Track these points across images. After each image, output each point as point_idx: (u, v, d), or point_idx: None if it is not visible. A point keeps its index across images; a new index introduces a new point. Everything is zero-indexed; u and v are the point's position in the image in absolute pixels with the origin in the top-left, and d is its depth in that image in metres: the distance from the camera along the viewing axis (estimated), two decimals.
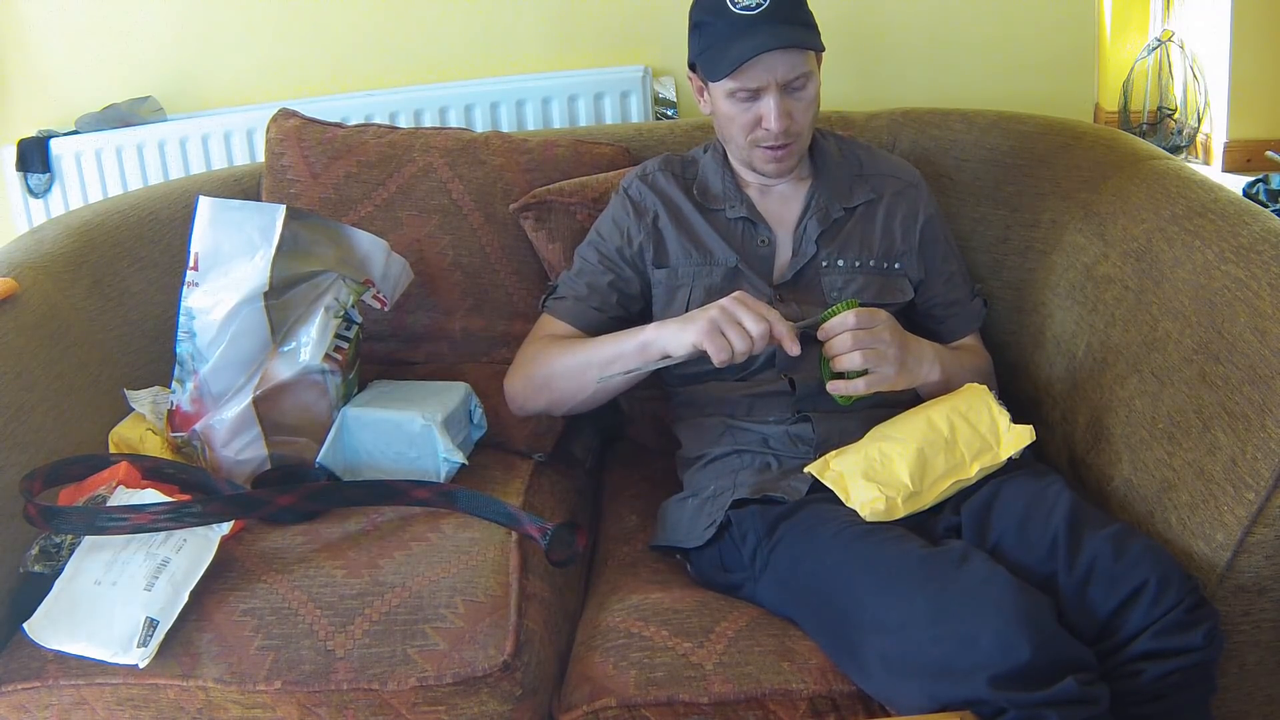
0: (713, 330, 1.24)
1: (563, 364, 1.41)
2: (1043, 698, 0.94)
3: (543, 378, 1.43)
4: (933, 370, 1.35)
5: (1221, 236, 1.22)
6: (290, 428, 1.41)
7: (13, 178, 2.17)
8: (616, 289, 1.48)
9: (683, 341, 1.27)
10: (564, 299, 1.49)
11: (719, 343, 1.24)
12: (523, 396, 1.47)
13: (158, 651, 1.12)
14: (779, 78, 1.33)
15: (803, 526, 1.22)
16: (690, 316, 1.29)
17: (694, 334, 1.25)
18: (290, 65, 2.16)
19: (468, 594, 1.18)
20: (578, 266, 1.51)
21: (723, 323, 1.24)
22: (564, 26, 2.14)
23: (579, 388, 1.40)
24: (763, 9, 1.32)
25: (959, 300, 1.51)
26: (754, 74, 1.33)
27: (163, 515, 1.18)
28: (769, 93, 1.35)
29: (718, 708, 1.10)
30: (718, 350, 1.24)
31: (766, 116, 1.36)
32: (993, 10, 2.09)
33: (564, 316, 1.48)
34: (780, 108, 1.35)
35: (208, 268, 1.39)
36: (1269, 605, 1.09)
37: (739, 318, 1.24)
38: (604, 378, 1.34)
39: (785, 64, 1.33)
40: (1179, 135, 4.78)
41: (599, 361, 1.36)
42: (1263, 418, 1.06)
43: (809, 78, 1.36)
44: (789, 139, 1.39)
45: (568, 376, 1.40)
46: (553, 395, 1.44)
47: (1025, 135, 1.67)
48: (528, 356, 1.47)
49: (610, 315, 1.48)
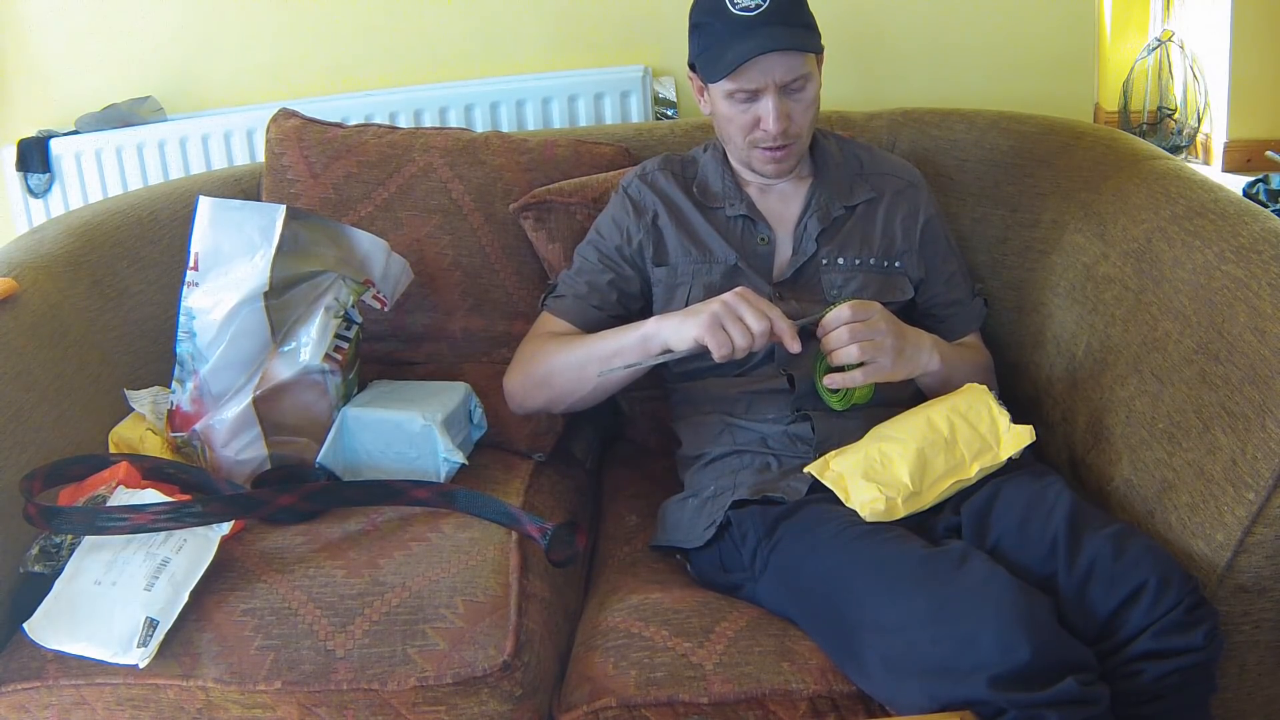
0: (714, 325, 1.24)
1: (562, 360, 1.40)
2: (1043, 698, 0.94)
3: (542, 375, 1.43)
4: (931, 359, 1.35)
5: (1221, 236, 1.22)
6: (290, 428, 1.41)
7: (13, 178, 2.17)
8: (616, 287, 1.48)
9: (684, 336, 1.27)
10: (564, 297, 1.49)
11: (720, 338, 1.24)
12: (522, 394, 1.47)
13: (158, 652, 1.12)
14: (777, 79, 1.33)
15: (803, 527, 1.22)
16: (692, 310, 1.29)
17: (695, 328, 1.25)
18: (290, 65, 2.16)
19: (468, 594, 1.18)
20: (577, 265, 1.51)
21: (724, 318, 1.24)
22: (564, 26, 2.14)
23: (578, 383, 1.40)
24: (762, 10, 1.31)
25: (959, 300, 1.52)
26: (752, 75, 1.33)
27: (163, 515, 1.18)
28: (767, 94, 1.35)
29: (718, 708, 1.10)
30: (718, 345, 1.24)
31: (765, 118, 1.36)
32: (993, 11, 2.09)
33: (563, 314, 1.48)
34: (779, 109, 1.35)
35: (208, 268, 1.39)
36: (1269, 605, 1.09)
37: (740, 313, 1.24)
38: (604, 372, 1.34)
39: (783, 66, 1.33)
40: (1179, 135, 4.78)
41: (599, 356, 1.36)
42: (1263, 418, 1.06)
43: (808, 79, 1.36)
44: (788, 140, 1.39)
45: (567, 372, 1.40)
46: (552, 392, 1.43)
47: (1025, 135, 1.67)
48: (527, 354, 1.47)
49: (610, 314, 1.48)
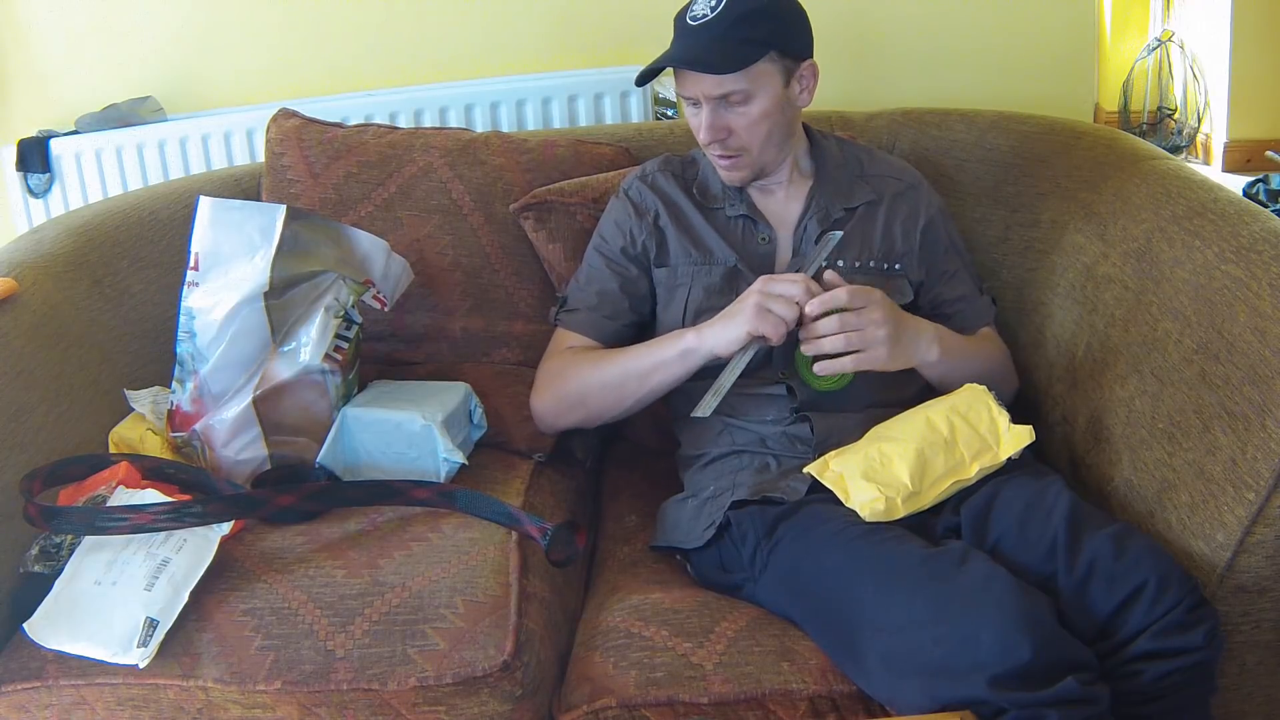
0: (760, 312, 1.25)
1: (598, 379, 1.40)
2: (1043, 697, 0.94)
3: (575, 396, 1.43)
4: (930, 350, 1.33)
5: (1221, 236, 1.22)
6: (290, 428, 1.41)
7: (13, 178, 2.17)
8: (626, 292, 1.48)
9: (733, 337, 1.28)
10: (576, 311, 1.49)
11: (771, 320, 1.25)
12: (554, 415, 1.47)
13: (158, 651, 1.12)
14: (705, 92, 1.35)
15: (802, 527, 1.22)
16: (730, 312, 1.30)
17: (744, 323, 1.26)
18: (290, 65, 2.16)
19: (468, 594, 1.18)
20: (585, 274, 1.51)
21: (767, 302, 1.25)
22: (564, 26, 2.14)
23: (617, 401, 1.40)
24: (705, 20, 1.32)
25: (964, 296, 1.50)
26: (685, 84, 1.36)
27: (163, 515, 1.18)
28: (703, 103, 1.36)
29: (718, 708, 1.10)
30: (773, 327, 1.25)
31: (698, 127, 1.38)
32: (993, 11, 2.09)
33: (578, 329, 1.48)
34: (710, 120, 1.36)
35: (208, 268, 1.39)
36: (1269, 605, 1.09)
37: (778, 291, 1.26)
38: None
39: (710, 80, 1.33)
40: (1179, 135, 4.78)
41: (637, 373, 1.37)
42: (1263, 418, 1.06)
43: (749, 95, 1.35)
44: (729, 151, 1.39)
45: (605, 393, 1.40)
46: (589, 410, 1.43)
47: (1025, 135, 1.67)
48: (553, 372, 1.46)
49: (624, 322, 1.48)
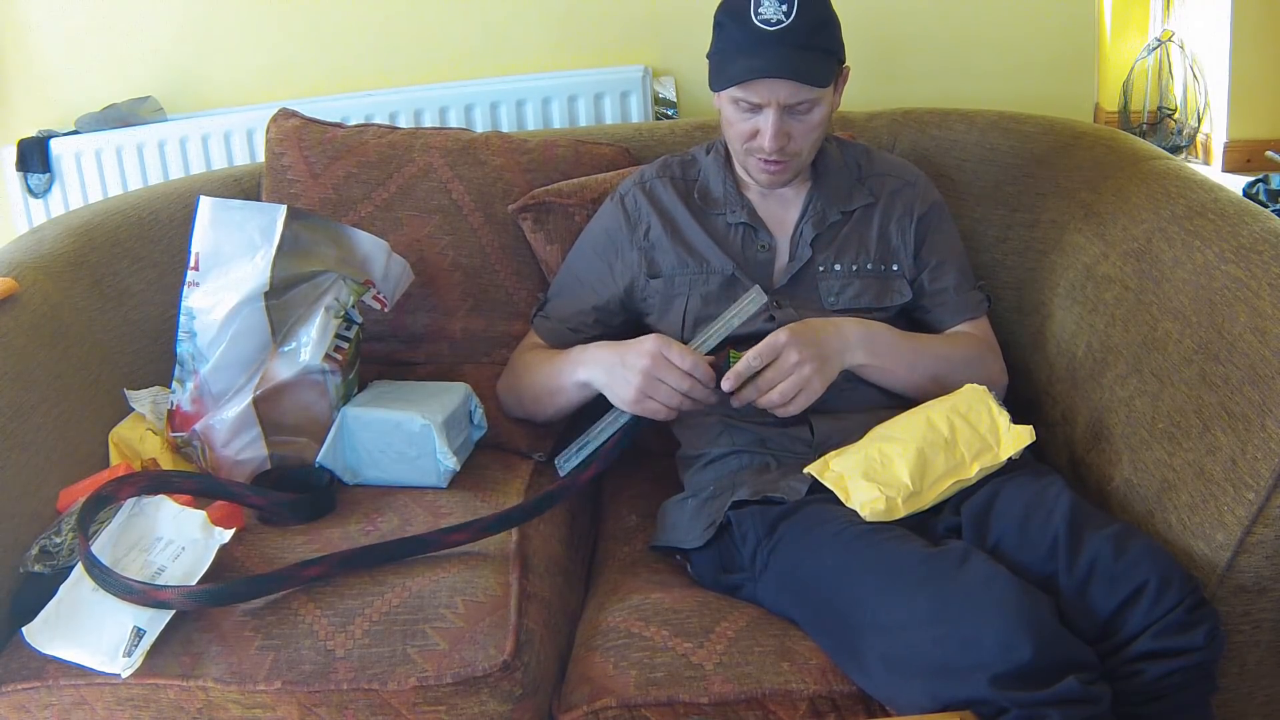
0: (641, 399, 1.28)
1: (529, 386, 1.51)
2: (1044, 697, 0.94)
3: (514, 396, 1.54)
4: (855, 353, 1.33)
5: (1221, 236, 1.22)
6: (290, 428, 1.41)
7: (13, 178, 2.17)
8: (595, 309, 1.52)
9: (618, 397, 1.31)
10: (547, 319, 1.54)
11: (652, 407, 1.28)
12: (507, 406, 1.57)
13: (159, 652, 1.12)
14: (781, 99, 1.32)
15: (802, 527, 1.22)
16: (621, 378, 1.30)
17: (630, 405, 1.29)
18: (290, 65, 2.16)
19: (468, 594, 1.18)
20: (562, 280, 1.55)
21: (649, 391, 1.27)
22: (564, 26, 2.14)
23: (540, 410, 1.51)
24: (783, 27, 1.29)
25: (944, 290, 1.47)
26: (757, 90, 1.32)
27: (183, 596, 1.13)
28: (770, 109, 1.34)
29: (718, 708, 1.10)
30: (654, 414, 1.29)
31: (763, 133, 1.35)
32: (993, 11, 2.09)
33: (544, 335, 1.54)
34: (777, 127, 1.34)
35: (208, 268, 1.39)
36: (1269, 605, 1.09)
37: (662, 378, 1.27)
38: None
39: (789, 88, 1.31)
40: (1179, 135, 4.78)
41: (547, 390, 1.47)
42: (1263, 418, 1.06)
43: (815, 103, 1.34)
44: (785, 156, 1.38)
45: (533, 400, 1.50)
46: (527, 411, 1.53)
47: (1025, 135, 1.67)
48: (512, 368, 1.56)
49: (585, 335, 1.51)
